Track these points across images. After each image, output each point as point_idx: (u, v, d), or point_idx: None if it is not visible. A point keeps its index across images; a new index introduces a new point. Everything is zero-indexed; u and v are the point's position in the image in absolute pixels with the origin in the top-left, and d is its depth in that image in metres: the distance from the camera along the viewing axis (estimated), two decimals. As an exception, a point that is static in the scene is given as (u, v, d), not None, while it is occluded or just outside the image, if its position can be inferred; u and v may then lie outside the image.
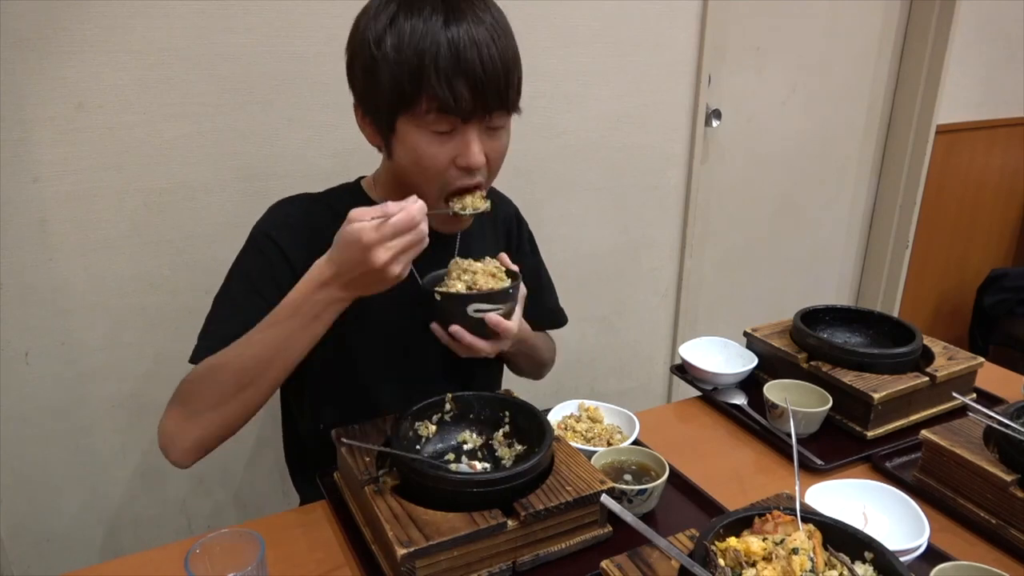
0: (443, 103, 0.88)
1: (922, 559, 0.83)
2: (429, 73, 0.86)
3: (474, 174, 0.95)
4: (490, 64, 0.88)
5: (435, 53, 0.86)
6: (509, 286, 0.95)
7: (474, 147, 0.92)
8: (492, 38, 0.89)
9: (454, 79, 0.87)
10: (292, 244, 0.99)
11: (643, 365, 2.18)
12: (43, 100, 1.22)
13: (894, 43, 2.39)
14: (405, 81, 0.88)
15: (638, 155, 1.91)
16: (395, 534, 0.76)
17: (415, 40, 0.86)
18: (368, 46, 0.89)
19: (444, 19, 0.87)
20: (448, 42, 0.86)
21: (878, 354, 1.16)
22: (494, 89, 0.90)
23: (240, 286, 1.00)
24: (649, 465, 0.98)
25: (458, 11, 0.88)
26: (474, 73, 0.87)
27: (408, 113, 0.90)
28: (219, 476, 1.57)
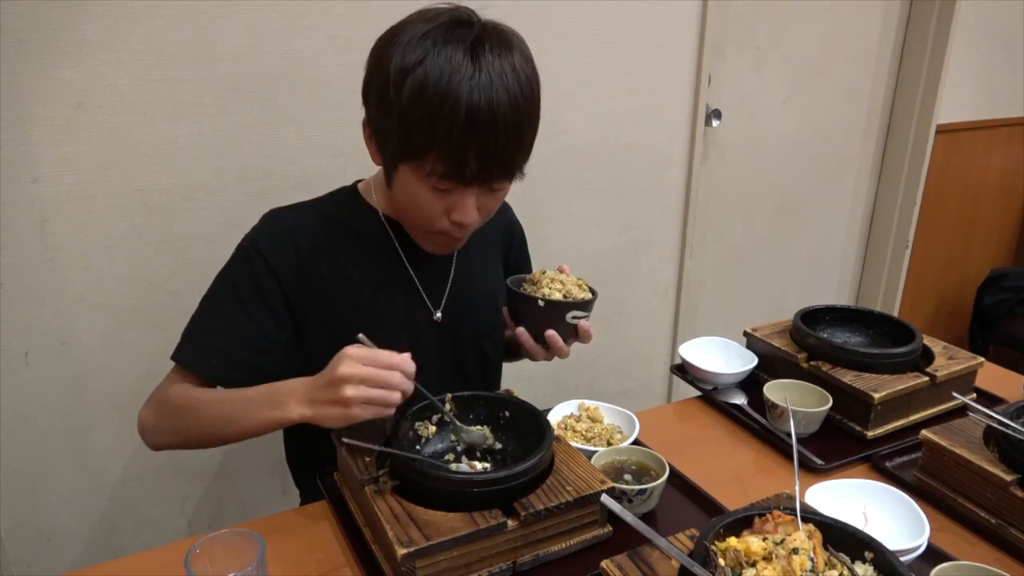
0: (448, 170, 0.87)
1: (922, 559, 0.83)
2: (441, 139, 0.84)
3: (465, 228, 0.95)
4: (504, 137, 0.86)
5: (451, 119, 0.83)
6: (593, 297, 1.01)
7: (470, 210, 0.92)
8: (514, 107, 0.85)
9: (464, 149, 0.85)
10: (277, 254, 0.99)
11: (643, 365, 2.18)
12: (43, 100, 1.22)
13: (894, 43, 2.39)
14: (415, 136, 0.86)
15: (638, 155, 1.91)
16: (395, 534, 0.76)
17: (436, 98, 0.82)
18: (388, 81, 0.85)
19: (471, 74, 0.83)
20: (468, 108, 0.82)
21: (878, 354, 1.16)
22: (503, 161, 0.89)
23: (224, 294, 1.01)
24: (649, 465, 0.98)
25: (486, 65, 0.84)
26: (486, 147, 0.85)
27: (412, 163, 0.89)
28: (219, 476, 1.57)
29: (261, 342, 1.00)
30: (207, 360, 0.99)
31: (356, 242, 1.04)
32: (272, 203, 1.09)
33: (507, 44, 0.87)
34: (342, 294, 1.03)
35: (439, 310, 1.08)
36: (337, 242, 1.03)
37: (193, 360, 1.00)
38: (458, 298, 1.10)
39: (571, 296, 0.99)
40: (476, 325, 1.13)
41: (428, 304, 1.08)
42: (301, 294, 1.01)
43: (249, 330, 0.99)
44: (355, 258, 1.04)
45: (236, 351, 0.99)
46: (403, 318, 1.06)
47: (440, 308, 1.09)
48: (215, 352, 0.99)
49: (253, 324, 0.99)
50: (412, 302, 1.07)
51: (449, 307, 1.10)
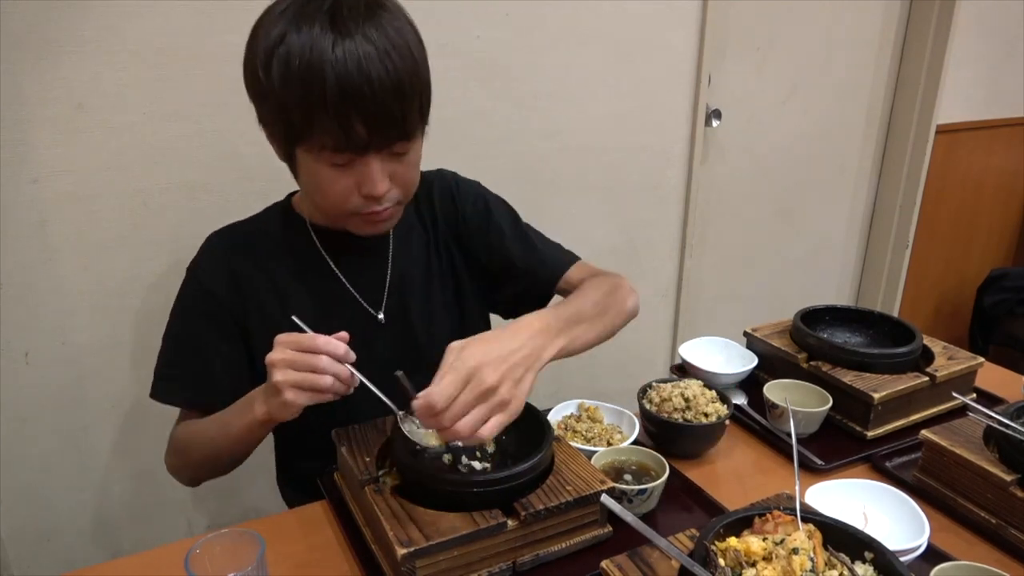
0: (336, 141, 0.83)
1: (922, 559, 0.83)
2: (318, 111, 0.81)
3: (381, 200, 0.91)
4: (382, 95, 0.81)
5: (322, 88, 0.79)
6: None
7: (376, 178, 0.88)
8: (384, 62, 0.81)
9: (345, 116, 0.81)
10: (214, 278, 1.02)
11: (643, 365, 2.18)
12: (43, 100, 1.21)
13: (894, 43, 2.39)
14: (295, 116, 0.83)
15: (638, 155, 1.91)
16: (395, 534, 0.76)
17: (302, 70, 0.79)
18: (256, 68, 0.83)
19: (332, 41, 0.79)
20: (335, 73, 0.79)
21: (878, 354, 1.16)
22: (389, 121, 0.84)
23: (179, 326, 1.04)
24: (649, 465, 0.98)
25: (346, 30, 0.80)
26: (366, 108, 0.81)
27: (303, 145, 0.86)
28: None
29: (223, 365, 1.02)
30: (182, 393, 1.03)
31: (287, 256, 1.04)
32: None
33: (371, 4, 0.84)
34: (280, 310, 1.02)
35: (381, 312, 1.06)
36: (269, 258, 1.04)
37: (168, 395, 1.03)
38: (400, 299, 1.08)
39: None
40: (423, 330, 1.09)
41: (368, 308, 1.06)
42: (243, 314, 1.02)
43: (209, 355, 1.01)
44: (287, 272, 1.04)
45: (203, 378, 1.02)
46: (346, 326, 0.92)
47: (382, 310, 1.06)
48: (185, 384, 1.02)
49: (210, 349, 1.01)
50: (352, 309, 1.05)
51: (392, 308, 1.07)
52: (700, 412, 1.06)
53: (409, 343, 1.08)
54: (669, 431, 1.06)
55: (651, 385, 1.13)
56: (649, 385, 1.13)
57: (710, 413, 1.06)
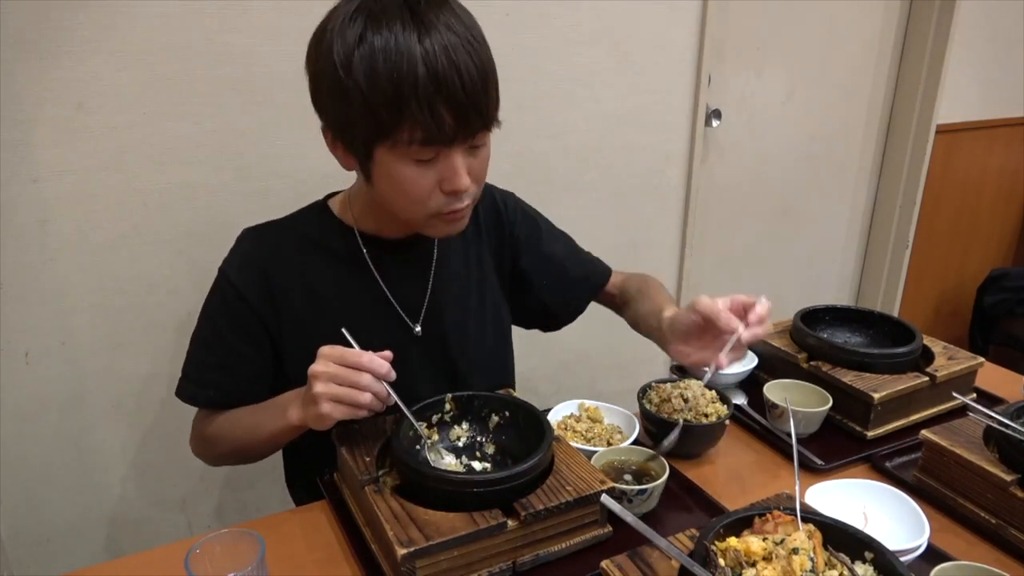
0: (427, 133, 0.82)
1: (922, 559, 0.83)
2: (409, 102, 0.80)
3: (461, 197, 0.91)
4: (471, 85, 0.82)
5: (413, 79, 0.79)
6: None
7: (461, 172, 0.87)
8: (469, 52, 0.82)
9: (436, 106, 0.81)
10: (246, 283, 1.00)
11: (643, 365, 2.17)
12: (43, 100, 1.21)
13: (894, 43, 2.39)
14: (382, 111, 0.81)
15: (638, 155, 1.91)
16: (395, 534, 0.76)
17: (389, 64, 0.79)
18: (336, 69, 0.82)
19: (417, 34, 0.80)
20: (426, 64, 0.79)
21: (878, 354, 1.16)
22: (476, 110, 0.84)
23: (207, 328, 1.04)
24: (649, 465, 0.98)
25: (428, 22, 0.80)
26: (456, 97, 0.81)
27: (387, 143, 0.85)
28: (219, 476, 1.57)
29: (249, 369, 1.02)
30: (204, 393, 1.03)
31: (326, 260, 1.02)
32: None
33: (439, 2, 0.84)
34: (314, 315, 1.01)
35: (418, 324, 1.06)
36: (306, 262, 1.02)
37: (192, 395, 1.04)
38: (438, 311, 1.07)
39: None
40: (458, 344, 1.09)
41: (406, 319, 1.05)
42: (275, 319, 1.01)
43: (235, 360, 1.02)
44: (326, 277, 1.02)
45: (228, 382, 1.02)
46: (381, 335, 0.97)
47: (419, 322, 1.06)
48: (210, 385, 1.02)
49: (237, 353, 1.01)
50: (389, 318, 1.04)
51: (429, 320, 1.06)
52: (700, 413, 1.06)
53: (443, 356, 1.08)
54: (669, 431, 1.06)
55: (651, 385, 1.13)
56: (649, 385, 1.13)
57: (710, 413, 1.06)
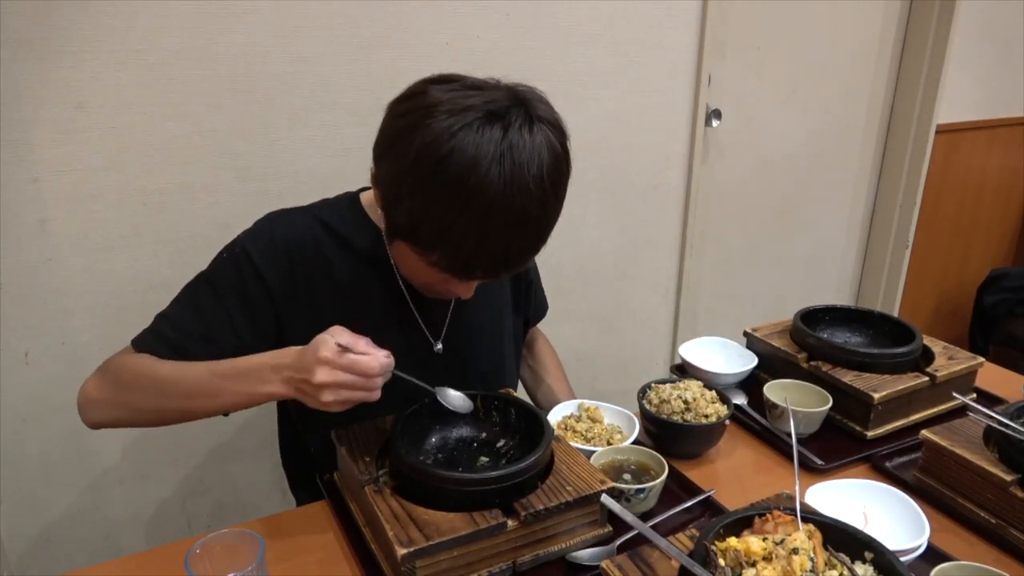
0: (452, 274, 0.86)
1: (922, 559, 0.83)
2: (449, 249, 0.81)
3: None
4: (516, 258, 0.84)
5: (482, 255, 0.81)
6: None
7: (469, 292, 0.93)
8: (530, 233, 0.82)
9: (472, 266, 0.83)
10: (271, 265, 0.95)
11: (643, 365, 2.18)
12: (43, 100, 1.21)
13: (894, 43, 2.39)
14: (424, 231, 0.82)
15: (638, 155, 1.91)
16: (395, 534, 0.76)
17: (454, 208, 0.77)
18: (408, 165, 0.79)
19: (494, 188, 0.76)
20: (500, 242, 0.80)
21: (878, 354, 1.16)
22: (509, 269, 0.87)
23: (207, 291, 0.95)
24: (649, 464, 0.98)
25: (513, 180, 0.77)
26: (495, 262, 0.83)
27: (414, 248, 0.85)
28: (219, 476, 1.57)
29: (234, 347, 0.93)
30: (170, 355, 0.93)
31: (354, 258, 0.99)
32: (272, 203, 1.08)
33: (540, 147, 0.79)
34: (334, 311, 0.97)
35: (439, 341, 1.04)
36: (334, 256, 0.98)
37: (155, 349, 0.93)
38: (458, 329, 1.06)
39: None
40: (478, 356, 1.09)
41: (427, 335, 1.04)
42: (291, 307, 0.97)
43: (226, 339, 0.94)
44: (351, 276, 0.99)
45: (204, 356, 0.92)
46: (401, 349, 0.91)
47: (440, 339, 1.05)
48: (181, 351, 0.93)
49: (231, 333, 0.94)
50: (410, 333, 1.03)
51: (449, 338, 1.05)
52: (700, 413, 1.06)
53: (459, 375, 1.06)
54: (669, 431, 1.06)
55: (650, 386, 1.13)
56: (648, 386, 1.13)
57: (710, 414, 1.06)
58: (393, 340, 0.89)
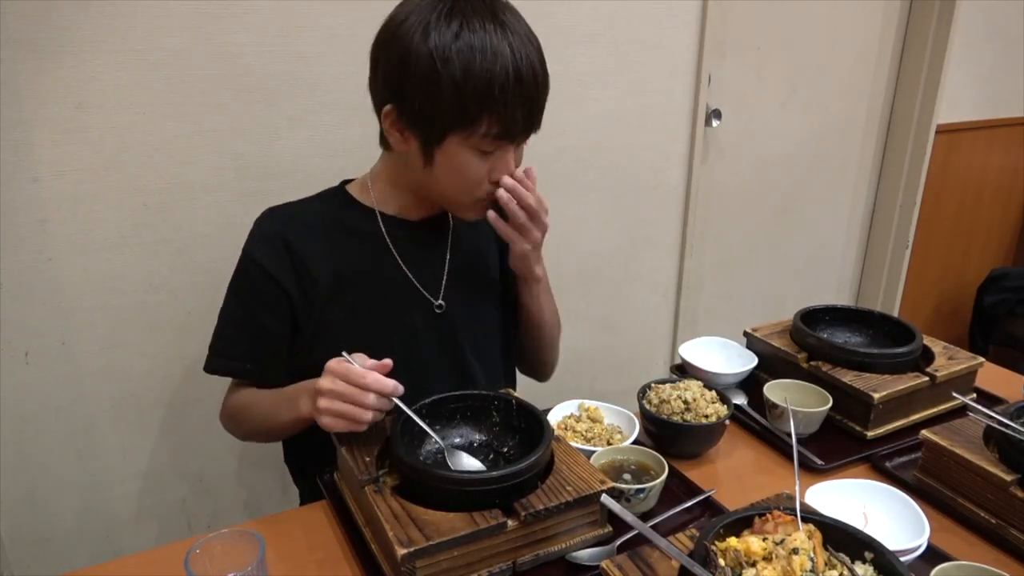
0: (502, 128, 0.92)
1: (922, 559, 0.83)
2: (498, 100, 0.89)
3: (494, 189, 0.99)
4: (542, 86, 0.94)
5: (504, 79, 0.88)
6: None
7: (512, 166, 0.99)
8: (539, 58, 0.94)
9: (516, 107, 0.91)
10: (273, 261, 1.03)
11: (643, 365, 2.18)
12: (43, 100, 1.21)
13: (894, 43, 2.39)
14: (471, 105, 0.89)
15: (638, 155, 1.91)
16: (395, 534, 0.76)
17: (486, 63, 0.88)
18: (431, 60, 0.88)
19: (503, 36, 0.89)
20: (514, 68, 0.89)
21: (878, 354, 1.16)
22: (540, 109, 0.95)
23: (237, 304, 1.07)
24: (649, 464, 0.98)
25: (509, 26, 0.90)
26: (532, 100, 0.92)
27: (464, 132, 0.92)
28: (219, 476, 1.57)
29: (277, 345, 1.06)
30: (241, 365, 1.07)
31: (347, 238, 1.06)
32: (272, 203, 1.09)
33: (510, 7, 0.95)
34: (336, 290, 1.04)
35: (439, 298, 1.09)
36: (328, 239, 1.05)
37: (225, 368, 1.07)
38: (455, 289, 1.11)
39: None
40: (475, 318, 1.14)
41: (427, 296, 1.09)
42: (299, 292, 1.04)
43: (265, 338, 1.05)
44: (347, 254, 1.05)
45: (257, 356, 1.06)
46: (399, 313, 1.07)
47: (440, 297, 1.10)
48: (238, 358, 1.06)
49: (267, 332, 1.05)
50: (411, 296, 1.08)
51: (449, 297, 1.10)
52: (701, 414, 1.06)
53: (463, 330, 1.13)
54: (669, 431, 1.06)
55: (650, 386, 1.13)
56: (648, 386, 1.13)
57: (710, 414, 1.06)
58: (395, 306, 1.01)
